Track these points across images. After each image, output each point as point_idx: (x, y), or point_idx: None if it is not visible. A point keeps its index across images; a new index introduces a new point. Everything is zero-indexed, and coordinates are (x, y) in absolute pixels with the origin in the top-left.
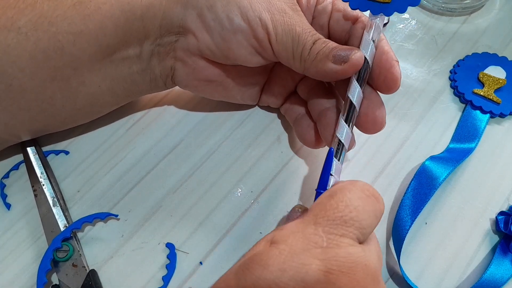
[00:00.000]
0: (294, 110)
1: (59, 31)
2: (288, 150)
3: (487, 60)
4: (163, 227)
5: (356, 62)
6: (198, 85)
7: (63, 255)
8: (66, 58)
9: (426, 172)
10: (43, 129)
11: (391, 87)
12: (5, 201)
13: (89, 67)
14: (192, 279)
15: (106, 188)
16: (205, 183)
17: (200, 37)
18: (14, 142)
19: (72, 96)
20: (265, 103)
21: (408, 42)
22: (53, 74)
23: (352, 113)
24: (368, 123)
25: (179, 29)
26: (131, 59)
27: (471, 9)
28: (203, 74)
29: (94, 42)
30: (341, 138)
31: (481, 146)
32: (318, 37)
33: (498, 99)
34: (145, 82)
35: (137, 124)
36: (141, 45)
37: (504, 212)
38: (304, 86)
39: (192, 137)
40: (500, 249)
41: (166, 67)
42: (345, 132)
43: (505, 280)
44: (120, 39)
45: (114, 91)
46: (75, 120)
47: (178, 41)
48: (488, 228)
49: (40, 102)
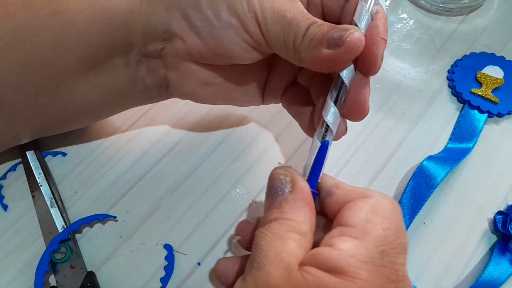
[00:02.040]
0: (296, 101)
1: (40, 42)
2: (287, 150)
3: (485, 60)
4: (161, 228)
5: (352, 43)
6: (195, 92)
7: (61, 256)
8: (49, 70)
9: (424, 172)
10: (42, 132)
11: (369, 68)
12: (2, 203)
13: (73, 79)
14: (190, 280)
15: (104, 189)
16: (203, 183)
17: (188, 40)
18: (15, 144)
19: (60, 107)
20: (270, 102)
21: (406, 42)
22: (38, 87)
23: (341, 93)
24: (351, 102)
25: (164, 34)
26: (117, 70)
27: (469, 9)
28: (198, 78)
29: (75, 54)
30: (328, 121)
31: (479, 146)
32: (312, 21)
33: (496, 99)
34: (135, 93)
35: (135, 125)
36: (126, 55)
37: (502, 212)
38: (305, 74)
39: (190, 138)
40: (498, 249)
41: (159, 77)
42: (333, 113)
43: (504, 279)
44: (104, 49)
45: (102, 103)
46: (69, 127)
47: (165, 48)
48: (486, 228)
49: (29, 113)
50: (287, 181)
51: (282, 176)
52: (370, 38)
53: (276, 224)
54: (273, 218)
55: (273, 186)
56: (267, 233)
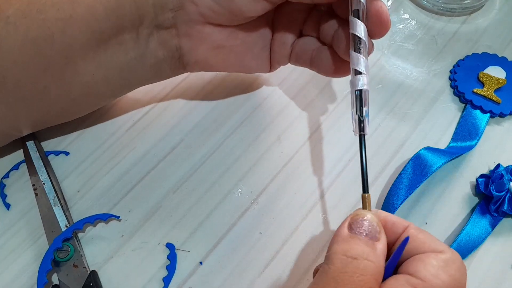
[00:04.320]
0: (307, 50)
1: (48, 18)
2: (288, 150)
3: (487, 60)
4: (163, 227)
5: None
6: (208, 57)
7: (64, 255)
8: (57, 46)
9: (421, 159)
10: (42, 121)
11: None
12: (5, 201)
13: (82, 55)
14: (192, 279)
15: (106, 188)
16: (205, 183)
17: (199, 1)
18: (16, 137)
19: (66, 86)
20: (277, 64)
21: (408, 42)
22: (46, 64)
23: (360, 8)
24: (373, 18)
25: (174, 2)
26: (127, 45)
27: (471, 9)
28: (210, 40)
29: (85, 28)
30: (359, 34)
31: (480, 146)
32: None
33: (498, 99)
34: (144, 69)
35: (137, 124)
36: (137, 28)
37: (484, 175)
38: (312, 22)
39: (192, 137)
40: (479, 210)
41: (171, 48)
42: (362, 28)
43: (482, 239)
44: (113, 23)
45: (109, 80)
46: (72, 112)
47: (176, 16)
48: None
49: (35, 92)
50: (377, 231)
51: (375, 223)
52: None
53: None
54: (363, 255)
55: (363, 226)
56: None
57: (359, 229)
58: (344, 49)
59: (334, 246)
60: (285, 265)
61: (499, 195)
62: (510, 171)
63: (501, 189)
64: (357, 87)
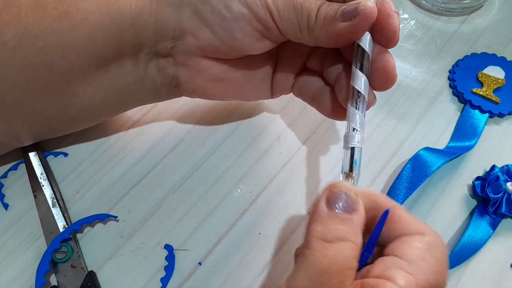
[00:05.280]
0: (309, 88)
1: (46, 45)
2: (288, 150)
3: (486, 60)
4: (162, 228)
5: (367, 11)
6: (206, 88)
7: (62, 256)
8: (56, 71)
9: (420, 160)
10: (43, 135)
11: (389, 39)
12: (3, 201)
13: (81, 79)
14: (191, 279)
15: (105, 188)
16: (204, 183)
17: (200, 35)
18: (17, 146)
19: (65, 107)
20: (279, 93)
21: (407, 42)
22: (44, 87)
23: (365, 60)
24: (379, 72)
25: (175, 32)
26: (126, 70)
27: (470, 9)
28: (209, 74)
29: (84, 54)
30: (359, 88)
31: (479, 146)
32: (321, 2)
33: (497, 99)
34: (143, 93)
35: (136, 125)
36: (137, 54)
37: (480, 177)
38: (317, 58)
39: (191, 137)
40: (478, 212)
41: (169, 75)
42: (362, 81)
43: (484, 241)
44: (112, 49)
45: (108, 102)
46: (71, 128)
47: (175, 46)
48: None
49: (34, 112)
50: (354, 202)
51: (353, 194)
52: (385, 13)
53: (343, 245)
54: (341, 237)
55: (340, 199)
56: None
57: (336, 203)
58: (344, 97)
59: (312, 227)
60: (284, 265)
61: (496, 197)
62: (506, 172)
63: (498, 190)
64: (350, 144)
